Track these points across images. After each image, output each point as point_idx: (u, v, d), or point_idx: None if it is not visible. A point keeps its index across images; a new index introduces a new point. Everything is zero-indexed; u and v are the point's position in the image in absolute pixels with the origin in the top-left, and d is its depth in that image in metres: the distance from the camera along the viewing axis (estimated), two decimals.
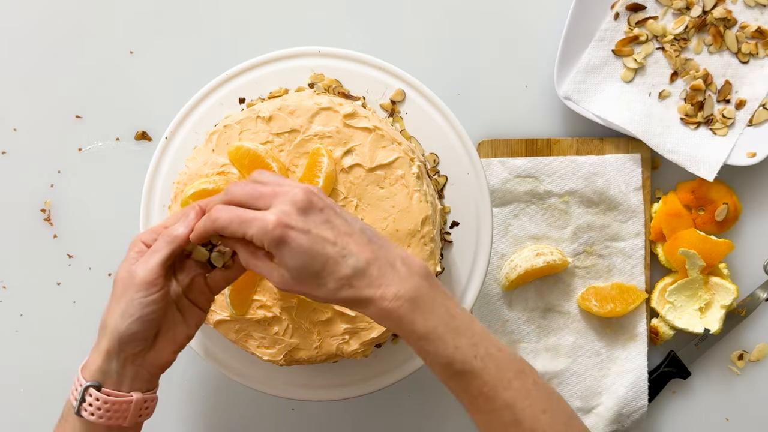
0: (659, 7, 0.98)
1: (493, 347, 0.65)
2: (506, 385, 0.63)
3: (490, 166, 0.98)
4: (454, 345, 0.63)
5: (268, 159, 0.78)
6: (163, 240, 0.68)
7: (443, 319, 0.64)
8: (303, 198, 0.63)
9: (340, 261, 0.63)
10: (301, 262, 0.63)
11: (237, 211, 0.64)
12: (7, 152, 1.00)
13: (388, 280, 0.63)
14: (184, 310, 0.71)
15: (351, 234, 0.64)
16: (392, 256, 0.65)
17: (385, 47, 1.00)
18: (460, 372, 0.64)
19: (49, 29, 1.00)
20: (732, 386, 1.01)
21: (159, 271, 0.67)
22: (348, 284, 0.63)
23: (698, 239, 0.96)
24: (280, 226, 0.62)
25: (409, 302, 0.63)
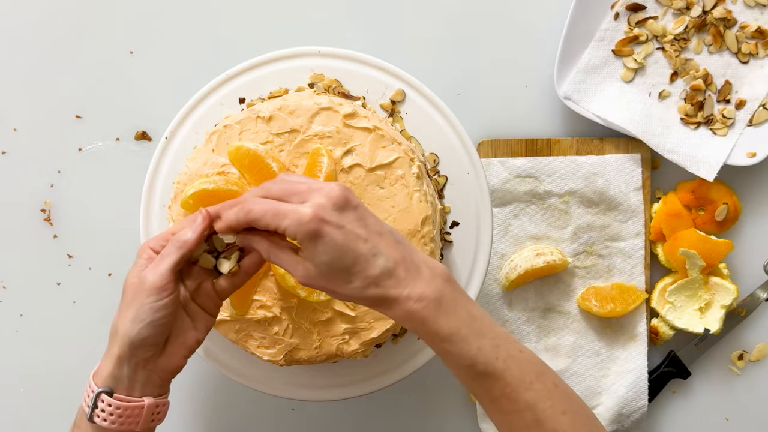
0: (659, 7, 0.98)
1: (514, 349, 0.65)
2: (528, 387, 0.64)
3: (490, 166, 0.98)
4: (477, 346, 0.64)
5: (268, 159, 0.78)
6: (172, 245, 0.68)
7: (465, 321, 0.65)
8: (339, 194, 0.64)
9: (371, 259, 0.64)
10: (332, 257, 0.63)
11: (272, 203, 0.65)
12: (7, 152, 1.00)
13: (413, 282, 0.64)
14: (193, 315, 0.72)
15: (382, 234, 0.65)
16: (418, 258, 0.66)
17: (385, 47, 1.00)
18: (483, 373, 0.64)
19: (49, 29, 1.00)
20: (732, 386, 1.01)
21: (169, 276, 0.67)
22: (375, 283, 0.64)
23: (698, 239, 0.96)
24: (315, 220, 0.63)
25: (433, 303, 0.64)
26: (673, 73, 0.98)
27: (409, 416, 1.01)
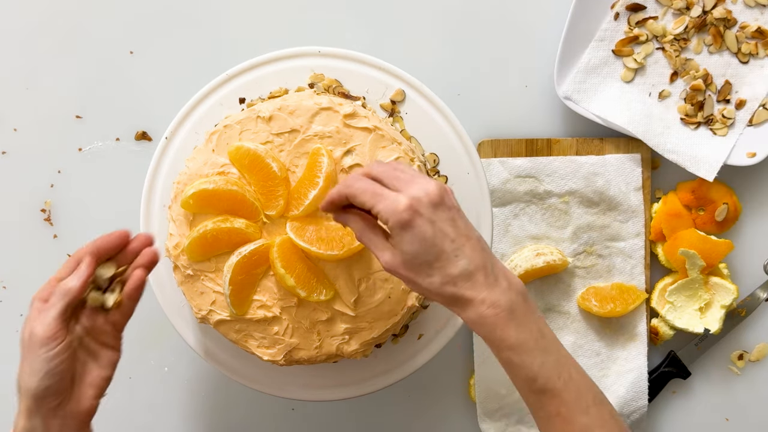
0: (659, 7, 0.98)
1: (575, 371, 0.67)
2: (584, 410, 0.65)
3: (490, 166, 0.98)
4: (541, 361, 0.65)
5: (268, 159, 0.78)
6: (56, 295, 0.70)
7: (534, 335, 0.66)
8: (436, 192, 0.66)
9: (453, 259, 0.66)
10: (418, 248, 0.65)
11: (374, 184, 0.67)
12: (7, 152, 1.00)
13: (490, 288, 0.66)
14: (95, 353, 0.73)
15: (470, 238, 0.67)
16: (498, 268, 0.68)
17: (385, 47, 1.00)
18: (542, 389, 0.66)
19: (49, 29, 1.00)
20: (732, 386, 1.01)
21: (57, 325, 0.69)
22: (453, 282, 0.66)
23: (698, 239, 0.96)
24: (409, 210, 0.65)
25: (505, 312, 0.65)
26: (673, 73, 0.98)
27: (409, 416, 1.01)
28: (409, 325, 0.88)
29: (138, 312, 0.99)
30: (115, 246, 0.74)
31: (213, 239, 0.79)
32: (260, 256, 0.78)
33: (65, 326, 0.69)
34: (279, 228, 0.80)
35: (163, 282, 0.87)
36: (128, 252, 0.74)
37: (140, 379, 1.00)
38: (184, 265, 0.80)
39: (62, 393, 0.70)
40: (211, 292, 0.80)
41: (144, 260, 0.74)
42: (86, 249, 0.72)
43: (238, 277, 0.78)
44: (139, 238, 0.75)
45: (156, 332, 0.99)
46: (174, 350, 1.00)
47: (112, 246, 0.73)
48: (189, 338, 0.87)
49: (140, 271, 0.73)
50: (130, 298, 0.74)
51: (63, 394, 0.70)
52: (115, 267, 0.74)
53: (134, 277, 0.73)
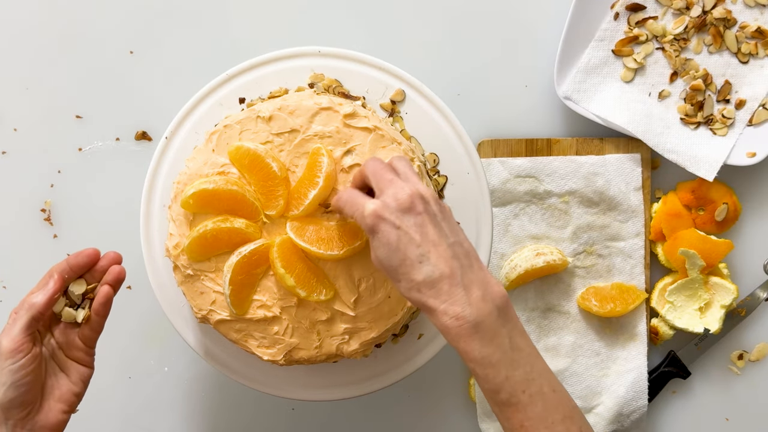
0: (659, 7, 0.98)
1: (547, 387, 0.66)
2: (548, 426, 0.65)
3: (490, 166, 0.98)
4: (506, 375, 0.65)
5: (268, 159, 0.78)
6: (22, 309, 0.72)
7: (502, 349, 0.65)
8: (406, 198, 0.67)
9: (416, 265, 0.66)
10: (384, 253, 0.67)
11: (353, 194, 0.71)
12: (7, 152, 1.00)
13: (455, 299, 0.65)
14: (67, 368, 0.76)
15: (437, 245, 0.67)
16: (470, 278, 0.67)
17: (385, 47, 1.00)
18: (506, 402, 0.65)
19: (49, 29, 1.00)
20: (732, 386, 1.01)
21: (21, 338, 0.71)
22: (417, 288, 0.66)
23: (698, 239, 0.96)
24: (373, 216, 0.67)
25: (469, 325, 0.65)
26: (673, 73, 0.98)
27: (409, 416, 1.01)
28: (409, 325, 0.88)
29: (138, 312, 0.99)
30: (85, 264, 0.76)
31: (213, 239, 0.79)
32: (260, 256, 0.78)
33: (31, 339, 0.71)
34: (279, 228, 0.80)
35: (163, 282, 0.87)
36: (96, 270, 0.77)
37: (140, 379, 1.00)
38: (184, 265, 0.80)
39: (29, 405, 0.71)
40: (211, 292, 0.80)
41: (110, 278, 0.76)
42: (56, 267, 0.75)
43: (238, 277, 0.78)
44: (107, 257, 0.77)
45: (156, 332, 1.00)
46: (174, 350, 1.00)
47: (82, 264, 0.76)
48: (189, 338, 0.87)
49: (106, 288, 0.76)
50: (97, 314, 0.76)
51: (30, 405, 0.72)
52: (86, 284, 0.77)
53: (101, 293, 0.76)
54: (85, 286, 0.76)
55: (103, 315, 0.76)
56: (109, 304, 0.76)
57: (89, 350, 0.77)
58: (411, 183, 0.69)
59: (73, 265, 0.75)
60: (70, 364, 0.76)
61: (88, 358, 0.77)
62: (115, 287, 0.77)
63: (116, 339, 0.99)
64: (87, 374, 0.77)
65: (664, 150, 0.97)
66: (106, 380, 0.99)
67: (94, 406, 0.99)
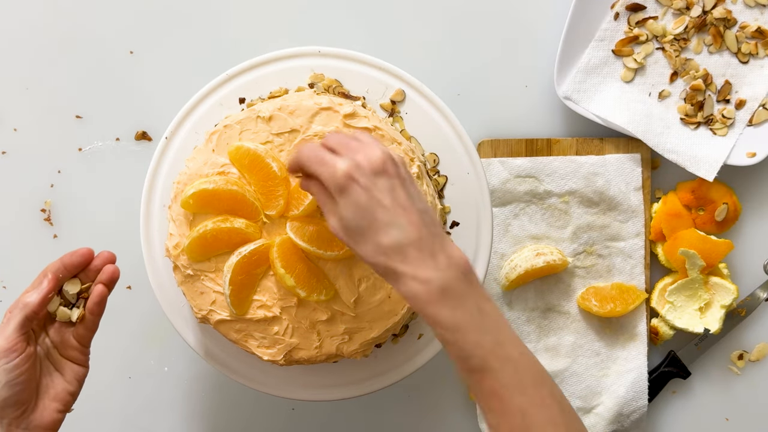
0: (659, 7, 0.98)
1: (516, 351, 0.65)
2: (521, 391, 0.64)
3: (490, 166, 0.98)
4: (476, 341, 0.64)
5: (268, 159, 0.78)
6: (16, 308, 0.72)
7: (470, 314, 0.64)
8: (379, 160, 0.66)
9: (384, 228, 0.65)
10: (352, 215, 0.65)
11: (319, 151, 0.68)
12: (7, 152, 1.00)
13: (423, 264, 0.64)
14: (62, 368, 0.76)
15: (407, 209, 0.66)
16: (438, 246, 0.66)
17: (385, 47, 1.00)
18: (477, 368, 0.64)
19: (49, 29, 1.00)
20: (732, 386, 1.01)
21: (15, 337, 0.71)
22: (384, 253, 0.65)
23: (698, 239, 0.96)
24: (346, 176, 0.65)
25: (437, 290, 0.64)
26: (673, 73, 0.98)
27: (409, 416, 1.01)
28: (409, 325, 0.88)
29: (138, 312, 0.99)
30: (79, 263, 0.76)
31: (213, 239, 0.79)
32: (260, 256, 0.78)
33: (25, 338, 0.72)
34: (279, 228, 0.80)
35: (163, 282, 0.87)
36: (90, 269, 0.77)
37: (140, 379, 1.00)
38: (184, 265, 0.80)
39: (23, 404, 0.72)
40: (211, 292, 0.80)
41: (104, 277, 0.76)
42: (51, 266, 0.75)
43: (238, 277, 0.78)
44: (101, 256, 0.77)
45: (156, 332, 1.00)
46: (174, 350, 1.00)
47: (76, 263, 0.76)
48: (189, 338, 0.87)
49: (100, 287, 0.76)
50: (91, 313, 0.76)
51: (24, 405, 0.72)
52: (80, 284, 0.77)
53: (95, 292, 0.76)
54: (79, 286, 0.76)
55: (97, 314, 0.76)
56: (104, 303, 0.76)
57: (84, 349, 0.77)
58: (380, 145, 0.68)
59: (67, 265, 0.75)
60: (65, 363, 0.76)
61: (83, 357, 0.77)
62: (110, 286, 0.77)
63: (116, 339, 0.99)
64: (82, 373, 0.77)
65: (664, 150, 0.97)
66: (106, 380, 1.00)
67: (95, 407, 0.99)
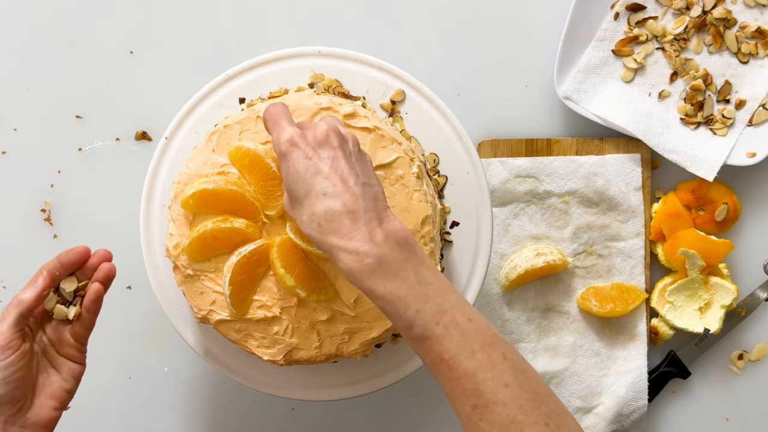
0: (659, 7, 0.98)
1: (462, 316, 0.64)
2: (469, 355, 0.62)
3: (490, 166, 0.98)
4: (416, 309, 0.63)
5: (268, 159, 0.78)
6: (11, 306, 0.72)
7: (409, 282, 0.64)
8: (322, 131, 0.67)
9: (320, 196, 0.65)
10: (291, 181, 0.66)
11: (279, 114, 0.70)
12: (7, 152, 1.00)
13: (356, 236, 0.64)
14: (58, 365, 0.76)
15: (346, 179, 0.66)
16: (374, 219, 0.65)
17: (385, 47, 1.00)
18: (420, 336, 0.63)
19: (49, 29, 1.00)
20: (732, 386, 1.01)
21: (11, 334, 0.71)
22: (317, 223, 0.65)
23: (698, 239, 0.96)
24: (289, 141, 0.67)
25: (372, 261, 0.63)
26: (673, 73, 0.98)
27: (409, 416, 1.01)
28: None
29: (138, 312, 0.99)
30: (76, 261, 0.76)
31: (213, 239, 0.79)
32: (260, 256, 0.78)
33: (20, 336, 0.72)
34: (279, 228, 0.80)
35: (163, 282, 0.87)
36: (87, 267, 0.77)
37: (140, 379, 1.00)
38: (184, 265, 0.80)
39: (19, 401, 0.72)
40: (211, 292, 0.80)
41: (101, 275, 0.76)
42: (47, 264, 0.75)
43: (238, 277, 0.78)
44: (98, 254, 0.77)
45: (156, 332, 1.00)
46: (174, 350, 1.00)
47: (73, 261, 0.76)
48: (189, 338, 0.87)
49: (97, 285, 0.76)
50: (88, 311, 0.76)
51: (20, 402, 0.72)
52: (77, 281, 0.77)
53: (91, 290, 0.76)
54: (76, 284, 0.76)
55: (93, 312, 0.76)
56: (100, 301, 0.76)
57: (81, 347, 0.77)
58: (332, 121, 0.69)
59: (63, 262, 0.75)
60: (62, 361, 0.76)
61: (79, 355, 0.77)
62: (106, 284, 0.77)
63: (116, 339, 0.99)
64: (78, 371, 0.77)
65: (664, 150, 0.97)
66: (106, 380, 1.00)
67: (94, 406, 0.99)
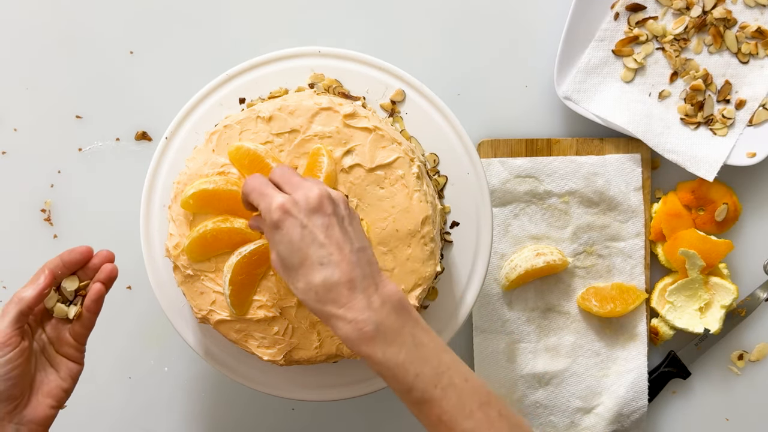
0: (659, 7, 0.98)
1: (458, 377, 0.65)
2: (467, 415, 0.64)
3: (490, 166, 0.98)
4: (415, 373, 0.64)
5: (268, 159, 0.78)
6: (11, 303, 0.72)
7: (406, 347, 0.65)
8: (316, 197, 0.66)
9: (317, 266, 0.65)
10: (286, 250, 0.66)
11: (263, 183, 0.68)
12: (7, 152, 1.00)
13: (355, 305, 0.64)
14: (57, 364, 0.76)
15: (342, 248, 0.65)
16: (371, 286, 0.66)
17: (385, 47, 1.00)
18: (420, 400, 0.65)
19: (49, 29, 1.00)
20: (732, 386, 1.01)
21: (10, 332, 0.71)
22: (315, 292, 0.65)
23: (698, 239, 0.96)
24: (280, 210, 0.65)
25: (370, 329, 0.64)
26: (673, 73, 0.98)
27: (409, 416, 1.00)
28: None
29: (138, 312, 0.99)
30: (78, 261, 0.76)
31: (213, 239, 0.79)
32: (260, 256, 0.78)
33: (19, 333, 0.72)
34: None
35: (163, 282, 0.87)
36: (89, 267, 0.77)
37: (140, 379, 1.00)
38: (184, 265, 0.80)
39: (16, 399, 0.72)
40: (211, 292, 0.80)
41: (103, 276, 0.77)
42: (49, 263, 0.75)
43: (238, 277, 0.78)
44: (100, 255, 0.77)
45: (156, 332, 1.00)
46: (174, 350, 1.00)
47: (75, 261, 0.76)
48: (189, 338, 0.87)
49: (98, 285, 0.76)
50: (89, 311, 0.76)
51: (17, 399, 0.72)
52: (78, 281, 0.77)
53: (92, 290, 0.76)
54: (77, 283, 0.76)
55: (94, 312, 0.76)
56: (101, 302, 0.76)
57: (80, 347, 0.77)
58: (320, 184, 0.68)
59: (66, 262, 0.75)
60: (60, 359, 0.76)
61: (78, 354, 0.77)
62: (108, 285, 0.77)
63: (116, 339, 0.99)
64: (76, 370, 0.77)
65: (664, 150, 0.97)
66: (106, 380, 1.00)
67: (94, 406, 0.99)
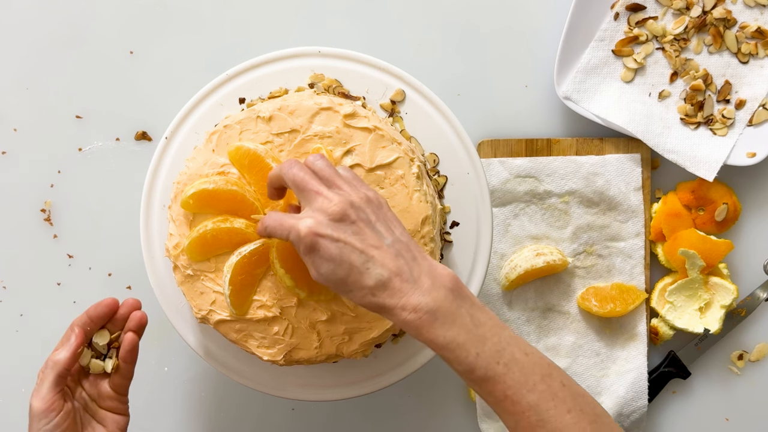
0: (659, 7, 0.98)
1: (519, 352, 0.66)
2: (531, 388, 0.65)
3: (490, 166, 0.98)
4: (476, 352, 0.65)
5: (268, 159, 0.78)
6: (46, 367, 0.73)
7: (466, 328, 0.66)
8: (338, 211, 0.67)
9: (364, 272, 0.66)
10: (329, 268, 0.66)
11: (279, 217, 0.69)
12: (7, 152, 1.00)
13: (409, 293, 0.66)
14: (102, 419, 0.77)
15: (379, 246, 0.67)
16: (418, 270, 0.67)
17: (385, 47, 1.00)
18: (483, 378, 0.65)
19: (49, 29, 1.00)
20: (732, 386, 1.01)
21: (51, 396, 0.72)
22: (371, 293, 0.66)
23: (698, 239, 0.96)
24: (311, 235, 0.66)
25: (428, 314, 0.65)
26: (673, 73, 0.98)
27: (409, 416, 1.01)
28: None
29: None
30: (105, 314, 0.77)
31: (213, 239, 0.79)
32: (260, 256, 0.78)
33: (60, 396, 0.72)
34: None
35: (163, 282, 0.87)
36: (117, 318, 0.78)
37: (140, 379, 1.00)
38: (184, 265, 0.80)
39: None
40: (211, 292, 0.80)
41: (133, 324, 0.78)
42: (77, 320, 0.76)
43: (238, 277, 0.78)
44: (126, 304, 0.78)
45: (156, 332, 0.99)
46: (174, 350, 1.00)
47: (102, 314, 0.77)
48: (189, 338, 0.87)
49: (131, 335, 0.77)
50: (125, 361, 0.77)
51: None
52: (109, 334, 0.78)
53: (126, 341, 0.77)
54: (108, 336, 0.77)
55: (130, 362, 0.77)
56: (136, 351, 0.77)
57: (122, 398, 0.78)
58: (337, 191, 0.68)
59: (93, 317, 0.76)
60: (104, 414, 0.77)
61: (121, 406, 0.78)
62: (139, 333, 0.78)
63: None
64: (123, 422, 0.78)
65: (664, 150, 0.97)
66: None
67: None
